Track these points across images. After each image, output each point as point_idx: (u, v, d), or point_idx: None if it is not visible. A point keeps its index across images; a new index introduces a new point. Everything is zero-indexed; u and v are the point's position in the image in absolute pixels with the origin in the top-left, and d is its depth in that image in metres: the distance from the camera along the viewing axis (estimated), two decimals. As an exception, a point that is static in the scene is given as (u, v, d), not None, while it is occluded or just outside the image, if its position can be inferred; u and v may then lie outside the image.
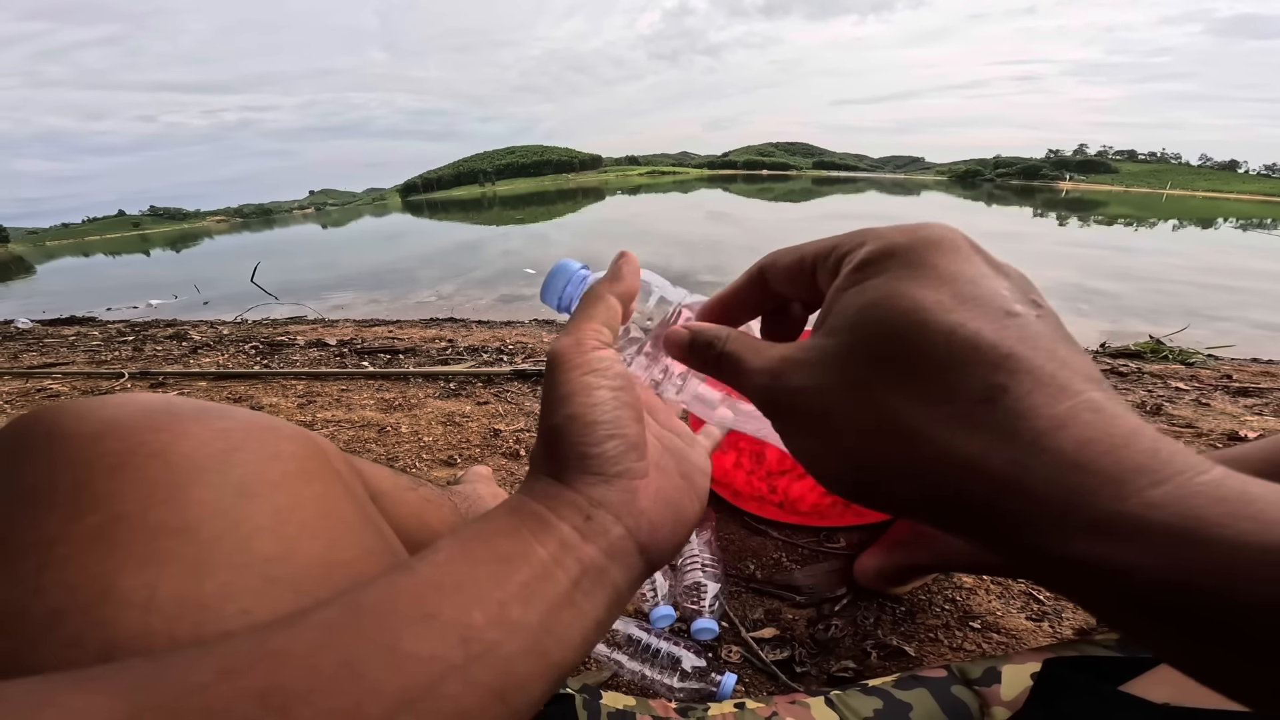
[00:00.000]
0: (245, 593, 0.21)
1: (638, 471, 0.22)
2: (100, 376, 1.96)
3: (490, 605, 0.18)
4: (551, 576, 0.19)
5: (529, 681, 0.18)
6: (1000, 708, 0.44)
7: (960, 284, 0.16)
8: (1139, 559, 0.12)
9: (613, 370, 0.23)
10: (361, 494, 0.31)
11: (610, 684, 0.64)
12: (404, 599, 0.17)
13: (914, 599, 0.75)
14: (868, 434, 0.16)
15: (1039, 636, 0.69)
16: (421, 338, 2.59)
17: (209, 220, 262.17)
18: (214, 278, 8.05)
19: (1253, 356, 2.43)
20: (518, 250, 9.66)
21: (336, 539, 0.25)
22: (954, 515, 0.15)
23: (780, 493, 0.85)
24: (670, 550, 0.23)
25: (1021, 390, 0.14)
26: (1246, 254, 9.31)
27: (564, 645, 0.19)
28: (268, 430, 0.26)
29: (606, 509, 0.21)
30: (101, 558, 0.20)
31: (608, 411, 0.22)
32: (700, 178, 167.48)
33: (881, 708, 0.46)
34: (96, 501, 0.21)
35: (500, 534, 0.20)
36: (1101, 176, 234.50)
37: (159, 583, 0.20)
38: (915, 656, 0.66)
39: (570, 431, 0.21)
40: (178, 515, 0.21)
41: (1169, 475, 0.13)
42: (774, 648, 0.69)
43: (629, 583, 0.21)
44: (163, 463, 0.22)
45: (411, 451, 1.22)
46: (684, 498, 0.24)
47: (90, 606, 0.19)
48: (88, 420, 0.23)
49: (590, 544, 0.20)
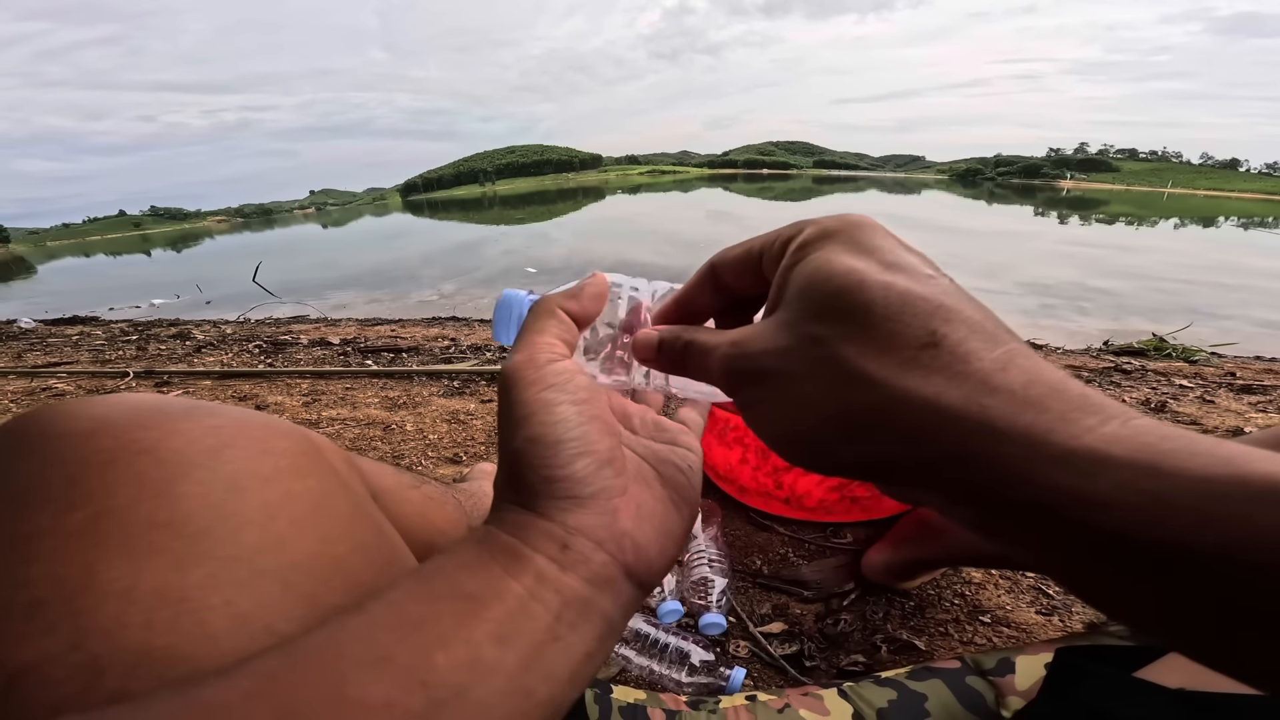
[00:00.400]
0: (229, 584, 0.21)
1: (614, 489, 0.21)
2: (105, 376, 1.96)
3: (456, 646, 0.16)
4: (529, 612, 0.18)
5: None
6: (1015, 697, 0.44)
7: (885, 254, 0.18)
8: (1109, 494, 0.13)
9: (574, 383, 0.21)
10: (360, 491, 0.31)
11: (619, 679, 0.64)
12: (353, 641, 0.16)
13: (923, 594, 0.75)
14: (826, 386, 0.17)
15: (1049, 630, 0.69)
16: (424, 336, 2.59)
17: (209, 220, 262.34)
18: (216, 277, 8.05)
19: (1256, 354, 2.43)
20: (519, 249, 9.67)
21: (329, 534, 0.25)
22: (916, 462, 0.16)
23: (787, 488, 0.85)
24: (661, 570, 0.22)
25: (958, 335, 0.15)
26: (1248, 252, 9.30)
27: (550, 683, 0.18)
28: (261, 427, 0.26)
29: (585, 535, 0.20)
30: (86, 550, 0.20)
31: (573, 428, 0.20)
32: (700, 177, 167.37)
33: (896, 699, 0.46)
34: (85, 497, 0.21)
35: (464, 569, 0.19)
36: (1102, 175, 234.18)
37: (141, 573, 0.20)
38: (926, 650, 0.66)
39: (533, 455, 0.20)
40: (166, 509, 0.22)
41: (1110, 415, 0.14)
42: (782, 642, 0.69)
43: (620, 610, 0.20)
44: (153, 459, 0.23)
45: (417, 449, 1.22)
46: (670, 509, 0.23)
47: (70, 597, 0.19)
48: (80, 419, 0.23)
49: (570, 574, 0.19)
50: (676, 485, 0.24)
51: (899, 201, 27.04)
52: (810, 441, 0.18)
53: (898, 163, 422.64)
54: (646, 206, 24.60)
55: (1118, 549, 0.13)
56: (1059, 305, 4.24)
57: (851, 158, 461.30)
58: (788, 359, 0.18)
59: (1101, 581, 0.14)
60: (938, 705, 0.46)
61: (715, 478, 0.98)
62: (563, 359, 0.22)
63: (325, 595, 0.23)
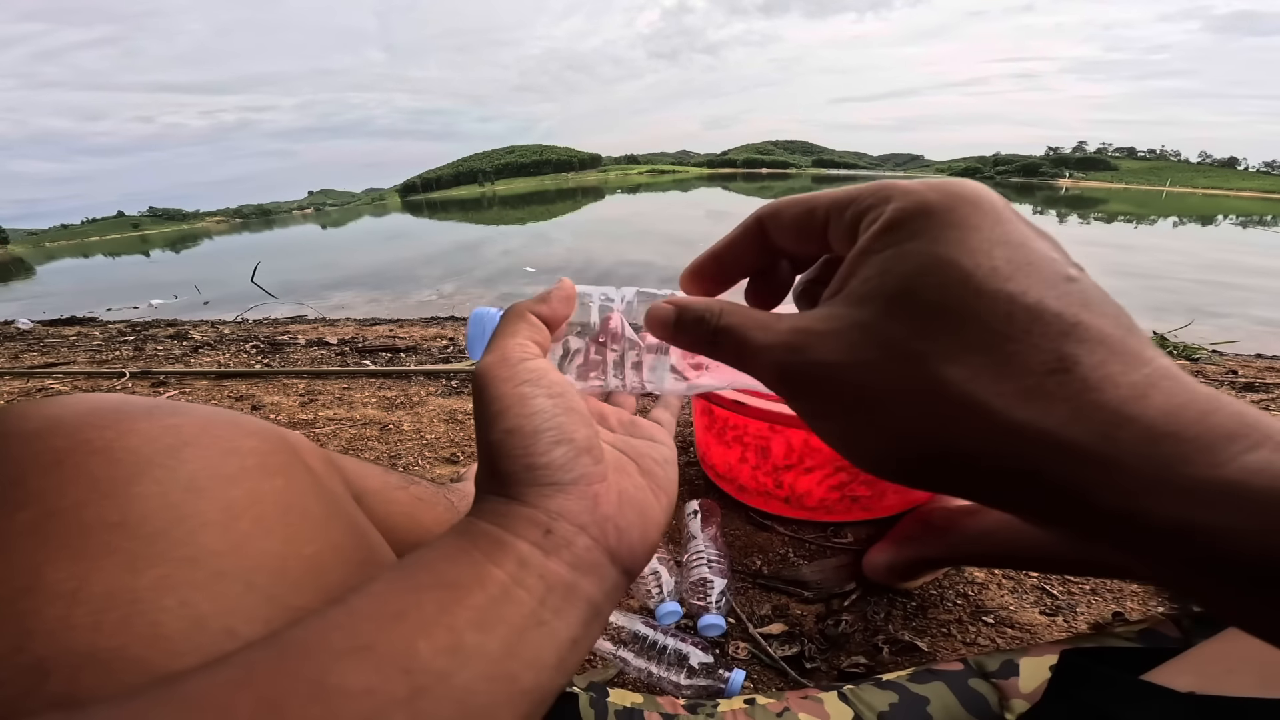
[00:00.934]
0: (185, 586, 0.21)
1: (594, 476, 0.21)
2: (101, 376, 1.95)
3: (438, 633, 0.16)
4: (511, 598, 0.18)
5: (495, 710, 0.16)
6: (1019, 700, 0.43)
7: (1010, 248, 0.15)
8: (1239, 523, 0.12)
9: (547, 378, 0.21)
10: (338, 490, 0.30)
11: (616, 681, 0.63)
12: (334, 631, 0.16)
13: (925, 594, 0.74)
14: (921, 410, 0.15)
15: (1053, 631, 0.68)
16: (423, 336, 2.58)
17: (208, 221, 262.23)
18: (214, 278, 8.04)
19: (1257, 352, 2.43)
20: (518, 250, 9.66)
21: (298, 534, 0.24)
22: (1024, 491, 0.14)
23: (786, 488, 0.84)
24: (644, 554, 0.22)
25: (1095, 360, 0.13)
26: (1248, 250, 9.30)
27: (535, 669, 0.17)
28: (226, 425, 0.26)
29: (567, 519, 0.20)
30: (32, 551, 0.20)
31: (550, 418, 0.20)
32: (700, 176, 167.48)
33: (897, 702, 0.46)
34: (29, 498, 0.21)
35: (445, 559, 0.19)
36: (1101, 174, 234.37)
37: (90, 575, 0.20)
38: (928, 651, 0.66)
39: (511, 445, 0.20)
40: (117, 510, 0.21)
41: (1260, 440, 0.12)
42: (782, 643, 0.68)
43: (605, 595, 0.20)
44: (105, 459, 0.22)
45: (414, 449, 1.21)
46: (648, 497, 0.23)
47: (13, 598, 0.19)
48: (30, 419, 0.23)
49: (554, 559, 0.19)
50: (654, 476, 0.24)
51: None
52: (899, 463, 0.16)
53: (897, 162, 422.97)
54: (646, 206, 24.61)
55: (1235, 570, 0.12)
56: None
57: (850, 157, 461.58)
58: (870, 374, 0.15)
59: (1210, 591, 0.13)
60: (940, 708, 0.45)
61: (714, 477, 0.97)
62: (535, 357, 0.22)
63: (292, 597, 0.23)
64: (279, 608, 0.22)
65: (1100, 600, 0.73)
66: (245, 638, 0.20)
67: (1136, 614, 0.71)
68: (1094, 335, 0.14)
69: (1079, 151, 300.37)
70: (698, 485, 0.99)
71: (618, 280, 0.32)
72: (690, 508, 0.85)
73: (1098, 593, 0.74)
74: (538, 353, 0.23)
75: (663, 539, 0.25)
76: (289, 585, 0.23)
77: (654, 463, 0.25)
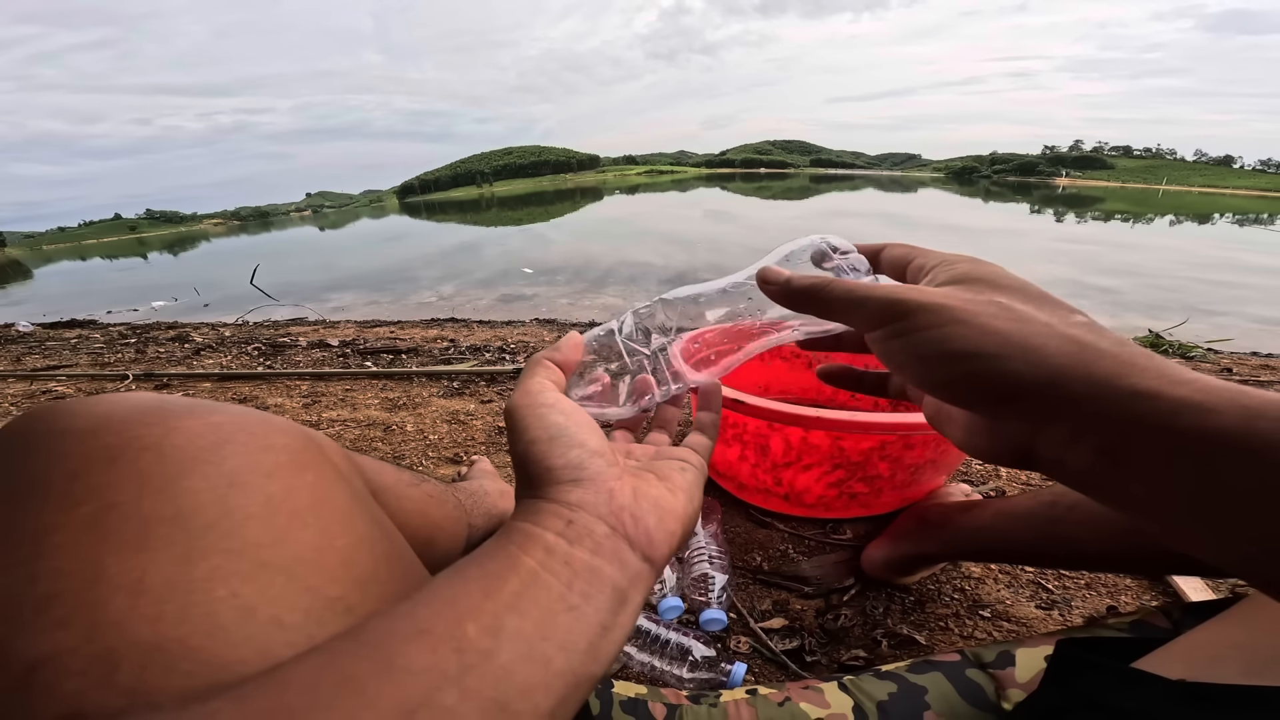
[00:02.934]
0: (235, 576, 0.21)
1: (609, 475, 0.24)
2: (104, 378, 1.96)
3: (483, 616, 0.18)
4: (541, 582, 0.20)
5: (532, 691, 0.18)
6: (1015, 689, 0.44)
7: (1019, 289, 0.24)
8: (1205, 399, 0.17)
9: (561, 404, 0.26)
10: (359, 486, 0.31)
11: (620, 675, 0.64)
12: (401, 620, 0.18)
13: (922, 588, 0.75)
14: (1011, 324, 0.22)
15: (1049, 624, 0.70)
16: (423, 337, 2.59)
17: (206, 223, 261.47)
18: (213, 280, 8.03)
19: (1252, 350, 2.45)
20: (517, 250, 9.65)
21: (330, 527, 0.25)
22: (1054, 375, 0.20)
23: (786, 485, 0.85)
24: (663, 542, 0.23)
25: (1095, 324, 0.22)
26: (1244, 248, 9.33)
27: (567, 652, 0.19)
28: (260, 424, 0.27)
29: (586, 510, 0.22)
30: (94, 544, 0.21)
31: (563, 429, 0.24)
32: (698, 176, 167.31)
33: (896, 691, 0.47)
34: (90, 492, 0.22)
35: (488, 555, 0.21)
36: (1097, 172, 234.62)
37: (149, 567, 0.21)
38: (926, 645, 0.67)
39: (535, 453, 0.24)
40: (170, 504, 0.22)
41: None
42: (783, 637, 0.69)
43: (629, 581, 0.22)
44: (156, 455, 0.23)
45: (417, 450, 1.22)
46: (664, 493, 0.25)
47: (80, 590, 0.20)
48: (82, 416, 0.24)
49: (577, 547, 0.21)
50: (671, 479, 0.26)
51: (896, 200, 27.06)
52: (990, 360, 0.21)
53: (894, 161, 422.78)
54: (644, 206, 24.59)
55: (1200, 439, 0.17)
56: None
57: (848, 156, 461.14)
58: (980, 306, 0.22)
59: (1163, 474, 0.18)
60: (938, 697, 0.46)
61: (714, 475, 0.98)
62: (551, 390, 0.27)
63: (328, 587, 0.23)
64: (317, 597, 0.23)
65: (1095, 595, 0.74)
66: (290, 626, 0.21)
67: (1130, 607, 0.72)
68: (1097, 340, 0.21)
69: (1075, 150, 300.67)
70: (699, 483, 1.01)
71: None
72: (692, 505, 0.86)
73: (1092, 587, 0.76)
74: (554, 388, 0.27)
75: (688, 536, 0.27)
76: (325, 575, 0.24)
77: (672, 470, 0.27)
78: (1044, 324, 0.21)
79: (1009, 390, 0.21)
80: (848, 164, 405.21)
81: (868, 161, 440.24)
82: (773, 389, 1.21)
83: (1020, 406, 0.21)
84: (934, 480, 0.83)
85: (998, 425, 0.23)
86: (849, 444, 0.76)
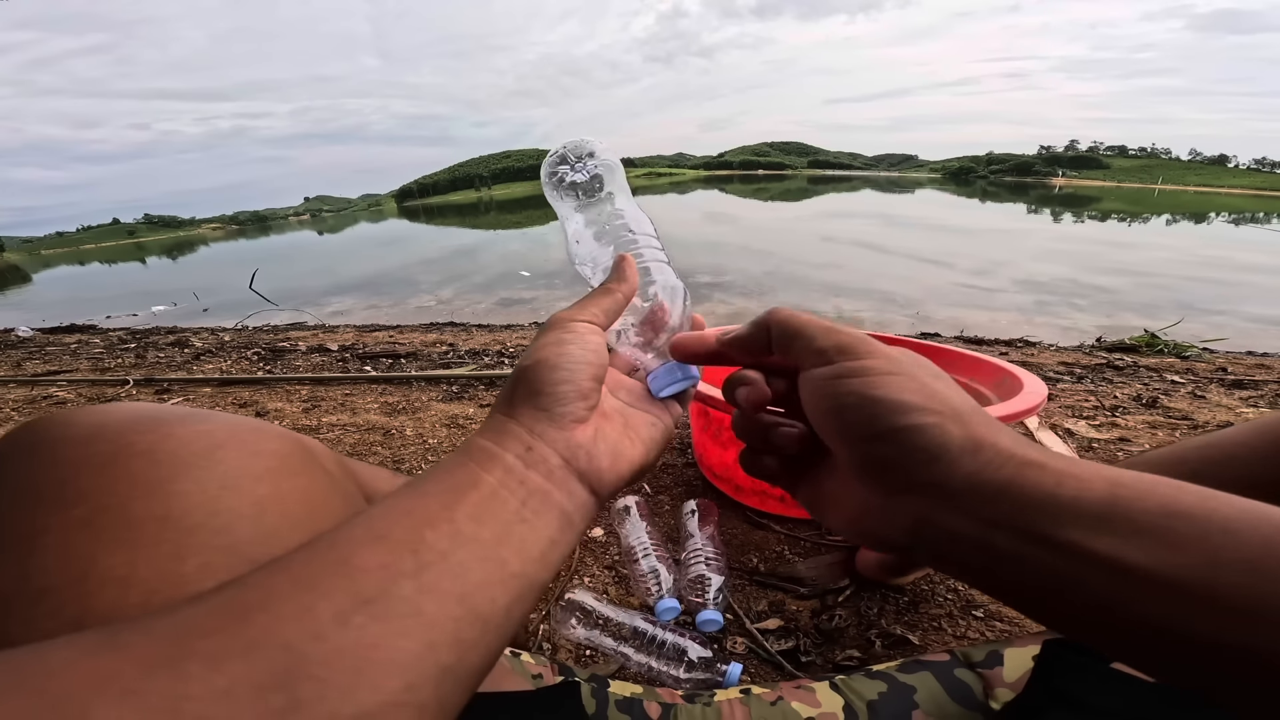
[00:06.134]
0: (225, 572, 0.22)
1: (579, 415, 0.26)
2: (105, 384, 1.97)
3: (440, 524, 0.20)
4: (499, 498, 0.22)
5: (489, 585, 0.20)
6: (1003, 689, 0.45)
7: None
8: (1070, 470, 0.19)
9: (589, 340, 0.28)
10: (352, 491, 0.32)
11: (617, 675, 0.65)
12: (357, 528, 0.20)
13: (916, 589, 0.76)
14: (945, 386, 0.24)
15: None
16: (422, 342, 2.60)
17: (204, 228, 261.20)
18: (212, 285, 8.04)
19: (1247, 349, 2.46)
20: (516, 254, 9.66)
21: (321, 528, 0.26)
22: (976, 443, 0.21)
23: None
24: (611, 481, 0.26)
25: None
26: (1240, 248, 9.36)
27: (521, 558, 0.22)
28: (252, 431, 0.28)
29: (545, 441, 0.25)
30: (87, 543, 0.21)
31: (571, 362, 0.26)
32: (697, 178, 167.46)
33: (886, 690, 0.48)
34: (82, 495, 0.22)
35: (447, 471, 0.23)
36: (1093, 172, 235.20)
37: (139, 563, 0.21)
38: (920, 645, 0.68)
39: (535, 371, 0.26)
40: (160, 505, 0.23)
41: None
42: (778, 638, 0.70)
43: (576, 508, 0.25)
44: (148, 460, 0.24)
45: (417, 454, 1.23)
46: (625, 441, 0.28)
47: (72, 584, 0.21)
48: (77, 425, 0.25)
49: (533, 471, 0.24)
50: (636, 430, 0.29)
51: (894, 201, 27.09)
52: (933, 415, 0.22)
53: (891, 162, 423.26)
54: (644, 209, 24.55)
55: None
56: (1053, 302, 4.27)
57: (845, 157, 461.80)
58: (912, 367, 0.24)
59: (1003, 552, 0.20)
60: (927, 697, 0.47)
61: (711, 477, 0.99)
62: (589, 322, 0.29)
63: None
64: None
65: (1086, 593, 0.75)
66: None
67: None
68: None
69: (1071, 150, 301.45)
70: (695, 485, 1.01)
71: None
72: (688, 507, 0.87)
73: (1084, 586, 0.76)
74: (602, 322, 0.29)
75: (637, 480, 0.30)
76: None
77: (641, 423, 0.30)
78: (959, 395, 0.23)
79: (934, 447, 0.21)
80: (845, 165, 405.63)
81: (865, 162, 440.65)
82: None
83: (938, 471, 0.21)
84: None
85: (890, 503, 0.23)
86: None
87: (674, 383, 0.32)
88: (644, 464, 0.29)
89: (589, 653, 0.68)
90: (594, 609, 0.69)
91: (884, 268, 6.21)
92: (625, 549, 0.82)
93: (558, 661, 0.55)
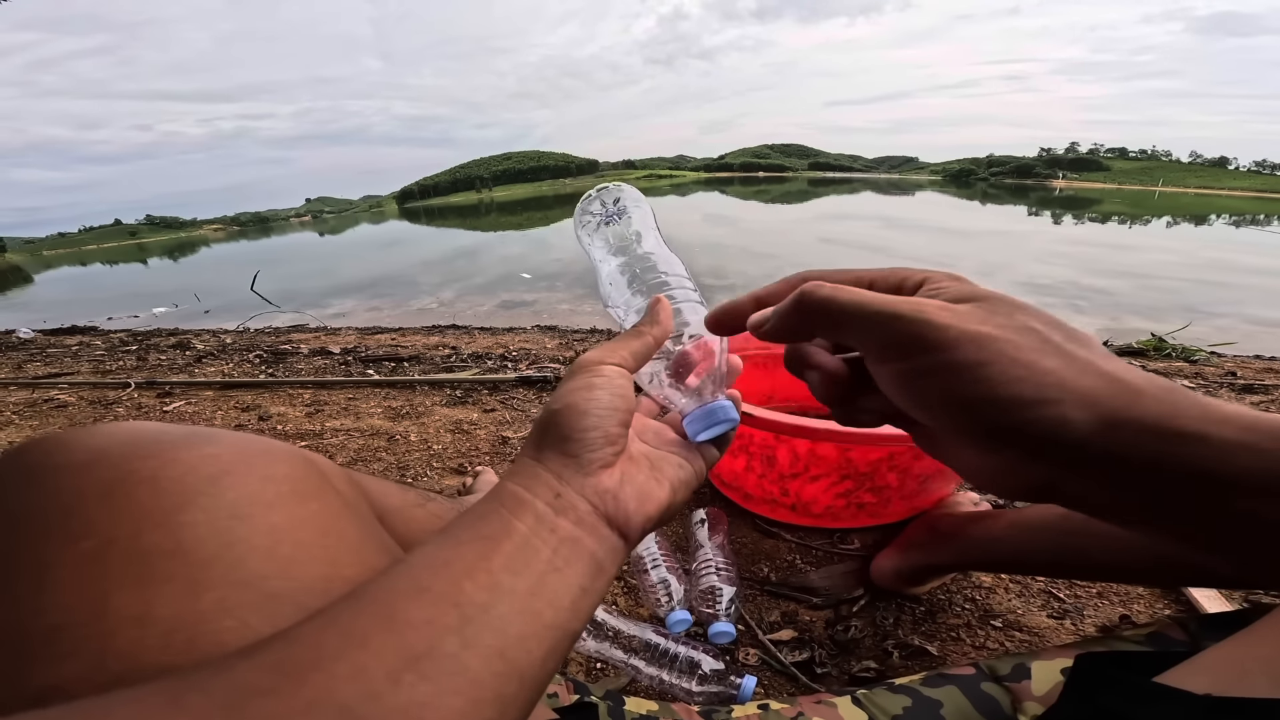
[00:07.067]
0: (241, 607, 0.22)
1: (606, 461, 0.26)
2: (106, 386, 1.96)
3: (479, 575, 0.20)
4: (531, 547, 0.22)
5: (526, 640, 0.20)
6: (1032, 703, 0.44)
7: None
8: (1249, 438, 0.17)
9: (617, 384, 0.27)
10: (366, 512, 0.31)
11: (629, 689, 0.64)
12: (400, 579, 0.20)
13: (933, 599, 0.75)
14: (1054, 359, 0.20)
15: (1061, 634, 0.69)
16: (425, 345, 2.59)
17: (206, 229, 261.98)
18: (214, 286, 8.05)
19: (1255, 353, 2.44)
20: (517, 256, 9.67)
21: (338, 557, 0.26)
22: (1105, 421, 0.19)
23: (793, 495, 0.85)
24: (639, 524, 0.26)
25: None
26: (1243, 250, 9.36)
27: (555, 608, 0.21)
28: (260, 453, 0.27)
29: (573, 488, 0.25)
30: (97, 579, 0.21)
31: (600, 407, 0.26)
32: (697, 180, 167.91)
33: (910, 705, 0.46)
34: (88, 527, 0.22)
35: (481, 518, 0.23)
36: (1094, 174, 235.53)
37: (153, 601, 0.21)
38: (938, 655, 0.66)
39: (563, 416, 0.26)
40: (170, 538, 0.22)
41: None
42: (792, 649, 0.69)
43: (606, 553, 0.24)
44: (152, 489, 0.23)
45: (421, 460, 1.21)
46: (652, 483, 0.27)
47: (87, 622, 0.20)
48: (76, 450, 0.24)
49: (562, 518, 0.24)
50: (662, 471, 0.29)
51: (894, 203, 27.12)
52: (1046, 407, 0.19)
53: (891, 164, 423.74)
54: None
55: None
56: (1056, 305, 4.27)
57: (845, 160, 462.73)
58: (1021, 336, 0.21)
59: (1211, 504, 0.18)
60: (954, 712, 0.45)
61: (720, 486, 0.98)
62: (618, 365, 0.28)
63: None
64: None
65: (1107, 603, 0.74)
66: None
67: (1143, 616, 0.72)
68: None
69: (1071, 152, 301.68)
70: (704, 494, 1.00)
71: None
72: (697, 516, 0.85)
73: (1104, 596, 0.75)
74: (630, 365, 0.29)
75: (665, 521, 0.29)
76: None
77: (668, 464, 0.29)
78: (1085, 360, 0.20)
79: (1057, 436, 0.19)
80: (845, 167, 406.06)
81: (865, 165, 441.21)
82: (777, 397, 1.21)
83: (1065, 453, 0.19)
84: (943, 489, 0.82)
85: (1020, 464, 0.21)
86: (857, 455, 0.75)
87: (712, 425, 0.31)
88: (670, 505, 0.28)
89: (599, 665, 0.67)
90: (604, 621, 0.68)
91: (885, 270, 6.21)
92: (634, 559, 0.80)
93: (571, 678, 0.54)
